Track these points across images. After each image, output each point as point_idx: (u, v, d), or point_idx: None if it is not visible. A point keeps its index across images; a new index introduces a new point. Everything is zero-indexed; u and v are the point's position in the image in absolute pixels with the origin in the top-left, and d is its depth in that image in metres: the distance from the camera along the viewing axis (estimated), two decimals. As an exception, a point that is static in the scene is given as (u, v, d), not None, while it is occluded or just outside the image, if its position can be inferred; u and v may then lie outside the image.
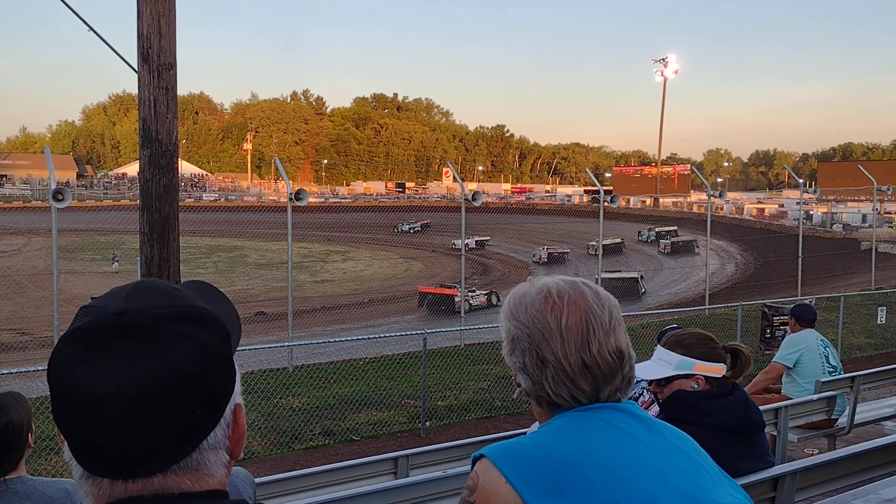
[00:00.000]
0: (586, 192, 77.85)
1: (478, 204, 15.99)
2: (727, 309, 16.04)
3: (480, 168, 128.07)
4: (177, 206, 5.66)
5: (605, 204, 17.83)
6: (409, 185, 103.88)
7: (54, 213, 10.54)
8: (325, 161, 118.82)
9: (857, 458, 3.50)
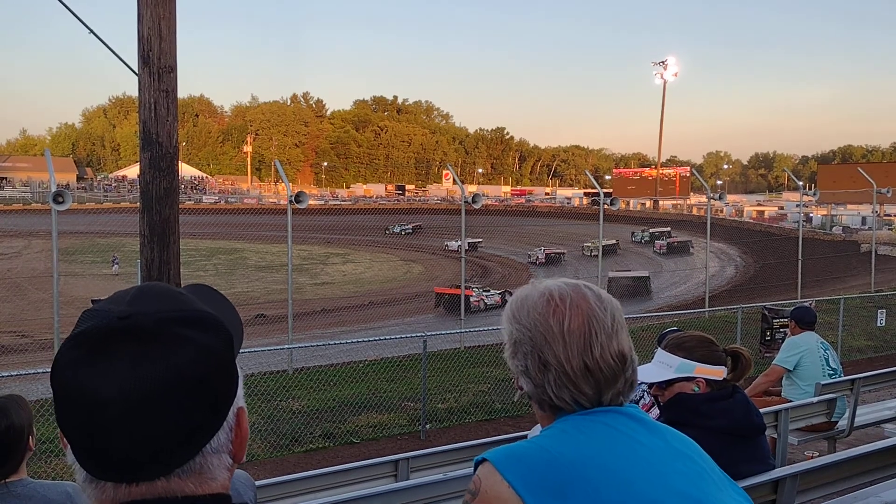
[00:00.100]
0: (586, 194, 77.90)
1: (478, 206, 15.99)
2: (727, 311, 16.04)
3: (480, 170, 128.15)
4: (177, 209, 5.65)
5: (605, 206, 17.83)
6: (409, 187, 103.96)
7: (54, 216, 10.54)
8: (325, 163, 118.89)
9: (858, 461, 3.50)
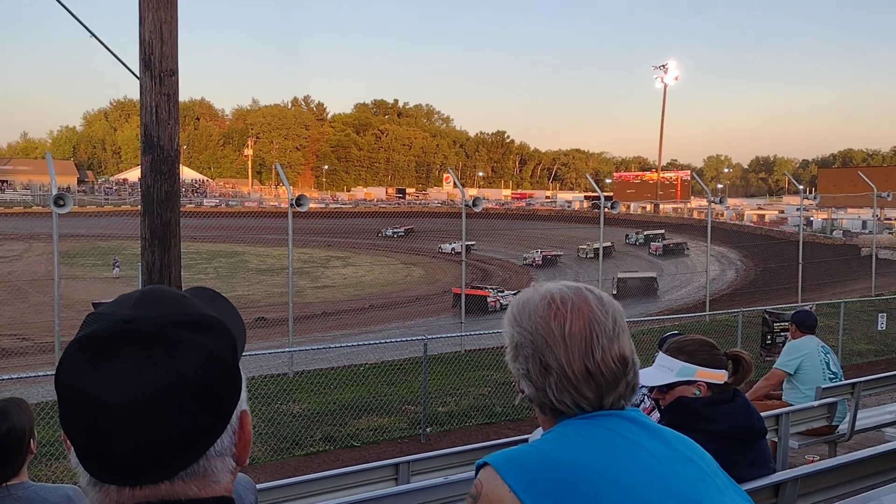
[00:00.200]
0: (587, 197, 77.83)
1: (478, 210, 15.97)
2: (728, 315, 16.04)
3: (481, 174, 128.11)
4: (178, 212, 5.66)
5: (606, 210, 17.83)
6: (409, 190, 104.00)
7: (55, 219, 10.54)
8: (326, 167, 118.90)
9: (858, 465, 3.49)
